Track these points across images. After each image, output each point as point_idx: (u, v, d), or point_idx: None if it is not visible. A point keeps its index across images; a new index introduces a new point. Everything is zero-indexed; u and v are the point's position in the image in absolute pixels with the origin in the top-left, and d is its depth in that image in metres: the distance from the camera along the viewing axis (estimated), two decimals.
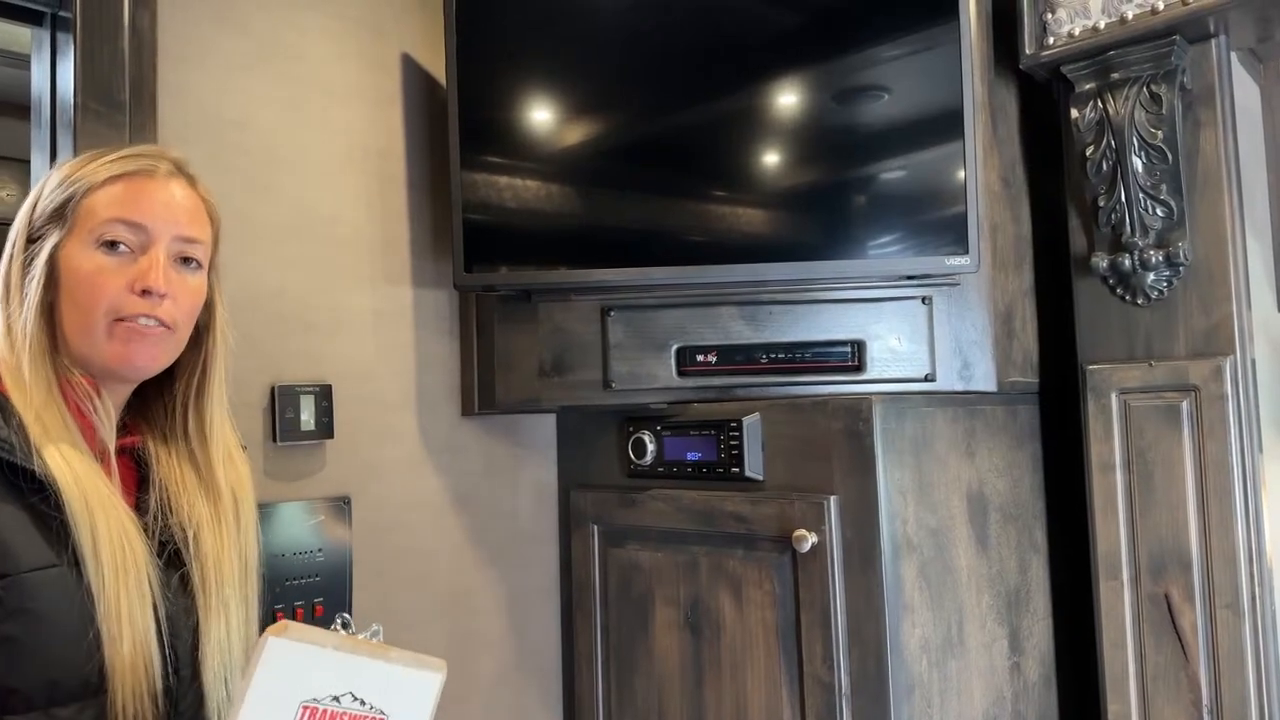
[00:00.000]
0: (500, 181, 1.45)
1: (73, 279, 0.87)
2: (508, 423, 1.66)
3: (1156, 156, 1.35)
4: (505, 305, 1.51)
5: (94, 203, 0.88)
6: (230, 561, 0.92)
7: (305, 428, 1.37)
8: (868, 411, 1.25)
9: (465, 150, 1.43)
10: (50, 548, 0.80)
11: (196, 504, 0.91)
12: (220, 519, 0.93)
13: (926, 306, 1.43)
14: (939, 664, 1.29)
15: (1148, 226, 1.37)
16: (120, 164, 0.90)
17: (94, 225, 0.87)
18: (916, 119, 1.40)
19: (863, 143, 1.42)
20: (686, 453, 1.46)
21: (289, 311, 1.40)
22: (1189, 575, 1.32)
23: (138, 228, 0.88)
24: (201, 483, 0.93)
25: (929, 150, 1.40)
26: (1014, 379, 1.48)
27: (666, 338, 1.47)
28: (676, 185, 1.45)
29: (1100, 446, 1.40)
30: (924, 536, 1.30)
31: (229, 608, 0.91)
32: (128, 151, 0.92)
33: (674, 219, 1.45)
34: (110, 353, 0.87)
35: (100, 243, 0.87)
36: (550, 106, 1.46)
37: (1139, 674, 1.36)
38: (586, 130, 1.48)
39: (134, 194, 0.89)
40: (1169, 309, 1.37)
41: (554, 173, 1.46)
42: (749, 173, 1.44)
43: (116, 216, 0.88)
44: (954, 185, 1.38)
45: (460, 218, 1.42)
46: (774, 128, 1.43)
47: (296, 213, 1.43)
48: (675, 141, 1.46)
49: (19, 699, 0.78)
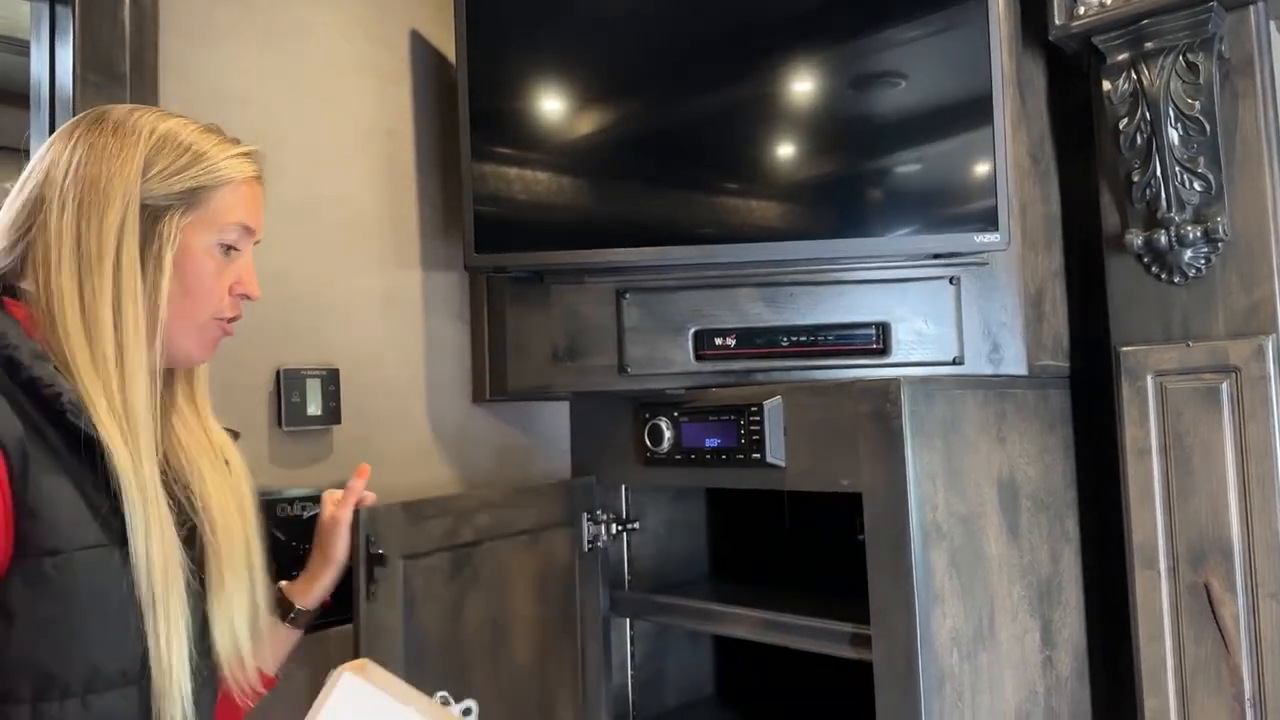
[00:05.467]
0: (511, 172, 1.40)
1: (196, 272, 0.86)
2: (520, 410, 1.62)
3: (1193, 128, 1.30)
4: (517, 288, 1.47)
5: (227, 201, 0.88)
6: (236, 522, 0.91)
7: (312, 413, 1.33)
8: (896, 393, 1.20)
9: (476, 126, 1.39)
10: (98, 525, 0.78)
11: (201, 468, 0.89)
12: (224, 480, 0.92)
13: (954, 287, 1.38)
14: (970, 656, 1.24)
15: (1184, 201, 1.31)
16: (248, 164, 0.91)
17: (224, 224, 0.88)
18: (943, 93, 1.35)
19: (887, 119, 1.37)
20: (705, 439, 1.42)
21: (295, 294, 1.36)
22: (1230, 564, 1.27)
23: (250, 234, 0.91)
24: (200, 446, 0.91)
25: (955, 125, 1.35)
26: (1044, 362, 1.43)
27: (683, 321, 1.42)
28: (694, 167, 1.40)
29: (1135, 431, 1.34)
30: (954, 524, 1.25)
31: (238, 570, 0.90)
32: (247, 148, 0.92)
33: (691, 200, 1.40)
34: (194, 346, 0.89)
35: (223, 244, 0.88)
36: (563, 94, 1.42)
37: (1177, 667, 1.31)
38: (600, 116, 1.43)
39: (255, 200, 0.91)
40: (1207, 287, 1.32)
41: (566, 157, 1.41)
42: (769, 152, 1.39)
43: (244, 223, 0.89)
44: (982, 161, 1.33)
45: (471, 194, 1.37)
46: (795, 105, 1.38)
47: (302, 192, 1.38)
48: (692, 123, 1.41)
49: (56, 686, 0.76)
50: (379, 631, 1.17)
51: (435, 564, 1.25)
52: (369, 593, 1.15)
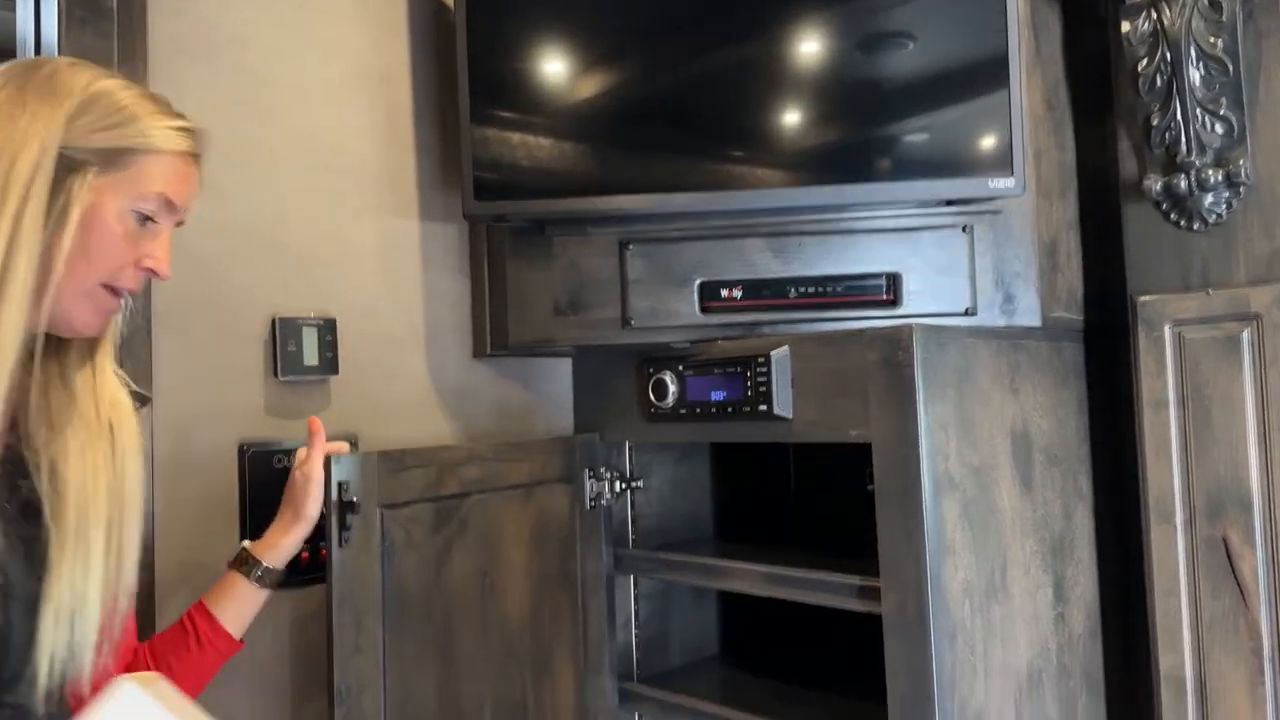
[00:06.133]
0: (511, 118, 1.36)
1: (102, 235, 0.81)
2: (522, 366, 1.58)
3: (1215, 68, 1.26)
4: (518, 240, 1.43)
5: (152, 170, 0.83)
6: (97, 505, 0.83)
7: (309, 362, 1.30)
8: (907, 340, 1.17)
9: (474, 72, 1.35)
10: None
11: (67, 443, 0.83)
12: (97, 459, 0.84)
13: (967, 235, 1.35)
14: (982, 609, 1.21)
15: (1205, 145, 1.28)
16: (186, 139, 0.86)
17: (144, 192, 0.83)
18: (957, 37, 1.31)
19: (899, 65, 1.33)
20: (710, 392, 1.38)
21: (289, 241, 1.32)
22: (1249, 516, 1.24)
23: (172, 210, 0.86)
24: (81, 420, 0.84)
25: (969, 69, 1.31)
26: (1058, 314, 1.39)
27: (689, 272, 1.39)
28: (700, 115, 1.36)
29: (1153, 382, 1.31)
30: (966, 475, 1.21)
31: (86, 557, 0.81)
32: (189, 124, 0.87)
33: (697, 149, 1.37)
34: (82, 312, 0.82)
35: (139, 212, 0.83)
36: (565, 51, 1.37)
37: (1193, 622, 1.28)
38: (603, 65, 1.39)
39: (185, 178, 0.86)
40: (1228, 233, 1.28)
41: (569, 106, 1.37)
42: (777, 99, 1.34)
43: (166, 195, 0.84)
44: (997, 105, 1.29)
45: (469, 139, 1.34)
46: (802, 51, 1.34)
47: (297, 137, 1.35)
48: (698, 72, 1.37)
49: None
50: (354, 579, 1.14)
51: (416, 514, 1.22)
52: (341, 539, 1.12)
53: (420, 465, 1.23)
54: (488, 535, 1.31)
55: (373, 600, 1.16)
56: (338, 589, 1.12)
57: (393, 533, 1.19)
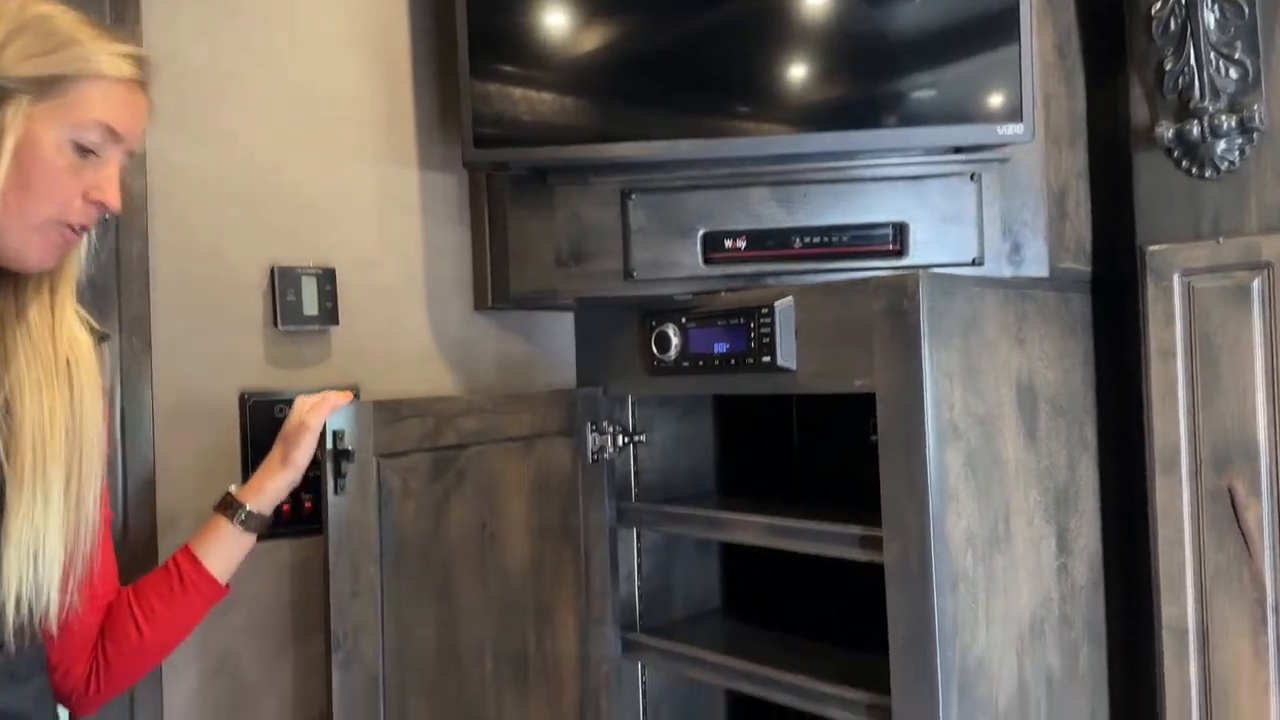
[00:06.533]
0: (511, 62, 1.33)
1: (39, 168, 0.78)
2: (523, 320, 1.57)
3: (1231, 11, 1.23)
4: (519, 190, 1.41)
5: (90, 96, 0.79)
6: (55, 444, 0.81)
7: (308, 312, 1.29)
8: (914, 288, 1.15)
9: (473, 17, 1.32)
10: None
11: (23, 380, 0.81)
12: (55, 397, 0.82)
13: (975, 184, 1.33)
14: (984, 559, 1.21)
15: (1219, 89, 1.25)
16: (129, 65, 0.82)
17: (81, 120, 0.79)
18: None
19: (907, 8, 1.30)
20: (714, 344, 1.37)
21: (287, 189, 1.31)
22: (1255, 467, 1.23)
23: (116, 139, 0.82)
24: (39, 357, 0.83)
25: (979, 14, 1.28)
26: (1066, 265, 1.38)
27: (692, 223, 1.37)
28: (704, 62, 1.34)
29: (1161, 332, 1.30)
30: (970, 424, 1.21)
31: (49, 486, 0.80)
32: (132, 50, 0.84)
33: (701, 96, 1.34)
34: (33, 248, 0.81)
35: (77, 142, 0.80)
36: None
37: (1197, 573, 1.28)
38: (607, 18, 1.36)
39: (131, 106, 0.83)
40: (1240, 180, 1.26)
41: (571, 51, 1.35)
42: (782, 45, 1.32)
43: (107, 124, 0.81)
44: (1007, 50, 1.27)
45: (469, 83, 1.31)
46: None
47: (294, 84, 1.33)
48: (703, 21, 1.34)
49: None
50: (350, 526, 1.14)
51: (414, 463, 1.22)
52: (337, 487, 1.12)
53: (417, 415, 1.22)
54: (487, 487, 1.31)
55: (370, 546, 1.16)
56: (334, 535, 1.12)
57: (390, 481, 1.19)
